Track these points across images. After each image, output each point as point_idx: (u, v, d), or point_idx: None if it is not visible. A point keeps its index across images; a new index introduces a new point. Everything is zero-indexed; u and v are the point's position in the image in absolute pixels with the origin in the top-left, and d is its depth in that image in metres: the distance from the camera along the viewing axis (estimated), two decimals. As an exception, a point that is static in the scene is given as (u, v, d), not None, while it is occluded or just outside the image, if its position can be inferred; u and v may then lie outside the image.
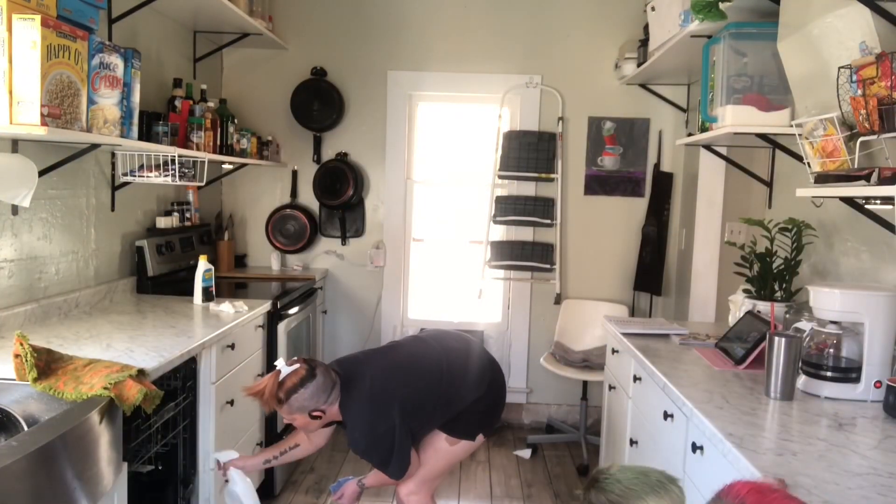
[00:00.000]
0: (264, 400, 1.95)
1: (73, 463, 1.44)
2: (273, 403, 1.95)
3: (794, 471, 1.28)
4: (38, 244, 2.33)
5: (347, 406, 2.03)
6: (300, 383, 1.95)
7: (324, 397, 1.99)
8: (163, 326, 2.35)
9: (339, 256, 4.07)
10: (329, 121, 3.93)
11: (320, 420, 2.02)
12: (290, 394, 1.94)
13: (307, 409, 1.97)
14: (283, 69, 3.94)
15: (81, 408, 1.52)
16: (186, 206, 3.41)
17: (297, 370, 1.97)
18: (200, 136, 2.91)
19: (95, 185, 2.65)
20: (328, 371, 2.03)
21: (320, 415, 2.00)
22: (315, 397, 1.97)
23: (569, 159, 3.94)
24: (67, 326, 2.28)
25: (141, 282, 2.94)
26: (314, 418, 2.00)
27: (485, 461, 3.61)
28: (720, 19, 2.25)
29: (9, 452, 1.26)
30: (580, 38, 3.91)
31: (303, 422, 2.01)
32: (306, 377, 1.96)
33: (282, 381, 1.95)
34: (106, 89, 2.03)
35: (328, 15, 3.94)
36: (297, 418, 1.99)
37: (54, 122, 1.77)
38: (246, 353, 2.68)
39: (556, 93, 3.91)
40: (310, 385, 1.96)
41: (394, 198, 4.03)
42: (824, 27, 1.83)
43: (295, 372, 1.96)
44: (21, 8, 1.69)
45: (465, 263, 4.14)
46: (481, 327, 4.11)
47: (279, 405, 1.95)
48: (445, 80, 3.96)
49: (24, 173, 2.01)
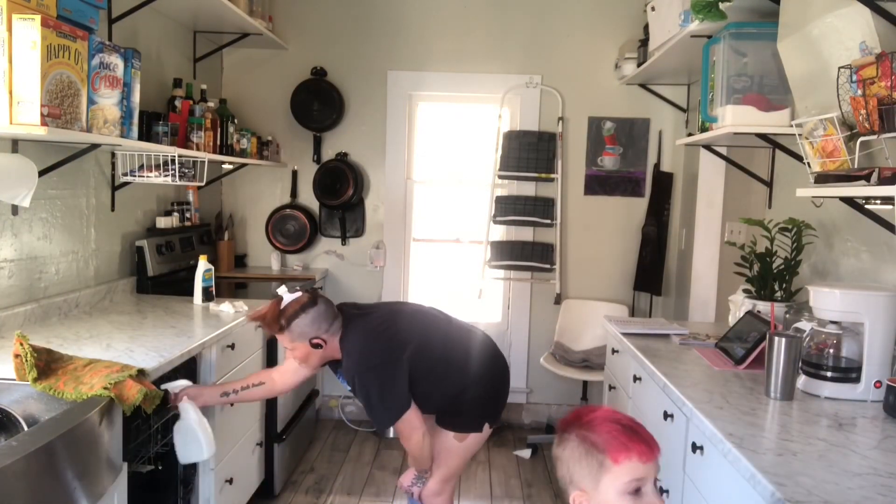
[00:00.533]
0: (266, 323, 2.00)
1: (73, 463, 1.44)
2: (275, 328, 2.00)
3: (794, 471, 1.28)
4: (38, 244, 2.33)
5: (347, 337, 2.05)
6: (301, 309, 1.99)
7: (325, 325, 2.01)
8: (163, 326, 2.35)
9: (339, 256, 4.07)
10: (329, 121, 3.93)
11: (321, 351, 2.03)
12: (291, 319, 1.98)
13: (307, 335, 2.00)
14: (283, 69, 3.94)
15: (81, 408, 1.52)
16: (186, 206, 3.41)
17: (299, 297, 2.02)
18: (200, 136, 2.92)
19: (95, 185, 2.65)
20: (330, 303, 2.08)
21: (321, 342, 2.01)
22: (316, 323, 2.00)
23: (569, 159, 3.94)
24: (67, 326, 2.28)
25: (141, 282, 2.94)
26: (315, 346, 2.02)
27: (485, 461, 3.61)
28: (720, 19, 2.25)
29: (9, 452, 1.26)
30: (580, 38, 3.91)
31: (303, 352, 2.03)
32: (307, 304, 2.00)
33: (283, 307, 1.99)
34: (106, 89, 2.03)
35: (328, 15, 3.94)
36: (297, 347, 2.02)
37: (54, 122, 1.77)
38: (246, 353, 2.68)
39: (556, 93, 3.92)
40: (311, 311, 1.99)
41: (394, 198, 4.03)
42: (824, 27, 1.83)
43: (296, 299, 2.01)
44: (21, 8, 1.69)
45: (465, 263, 4.14)
46: (481, 327, 4.09)
47: (280, 331, 2.00)
48: (445, 80, 3.96)
49: (24, 173, 2.01)
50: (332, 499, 3.11)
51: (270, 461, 3.00)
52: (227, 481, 2.49)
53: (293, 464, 3.33)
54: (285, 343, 2.04)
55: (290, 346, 2.04)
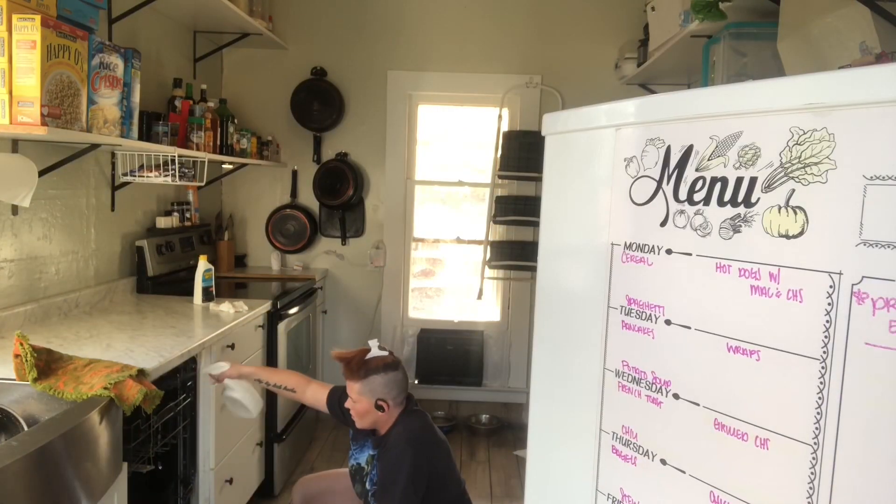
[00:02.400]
0: (348, 366, 2.03)
1: (73, 463, 1.44)
2: (355, 374, 2.02)
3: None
4: (38, 244, 2.33)
5: (406, 420, 2.06)
6: (384, 367, 2.03)
7: (395, 392, 2.04)
8: (163, 326, 2.35)
9: (339, 256, 4.07)
10: (329, 121, 3.93)
11: (380, 415, 2.04)
12: (371, 373, 2.01)
13: (377, 394, 2.02)
14: (283, 69, 3.94)
15: (81, 408, 1.52)
16: (186, 206, 3.41)
17: (386, 356, 2.06)
18: (200, 136, 2.91)
19: (95, 185, 2.66)
20: (407, 378, 2.12)
21: (384, 406, 2.03)
22: (389, 387, 2.03)
23: (569, 159, 3.94)
24: (67, 326, 2.28)
25: (141, 282, 2.94)
26: (378, 408, 2.03)
27: (485, 461, 3.61)
28: (720, 19, 2.25)
29: (9, 452, 1.26)
30: (580, 38, 3.91)
31: (365, 407, 2.04)
32: (391, 365, 2.05)
33: (369, 359, 2.03)
34: (106, 89, 2.03)
35: (328, 15, 3.94)
36: (362, 401, 2.03)
37: (54, 122, 1.77)
38: (246, 353, 2.68)
39: (556, 93, 3.91)
40: (391, 373, 2.04)
41: (394, 198, 4.03)
42: (824, 27, 1.83)
43: (384, 357, 2.06)
44: (21, 8, 1.69)
45: (465, 263, 4.14)
46: (481, 327, 4.11)
47: (358, 378, 2.02)
48: (445, 80, 3.96)
49: (24, 173, 2.01)
50: (332, 499, 3.11)
51: (270, 461, 3.00)
52: (227, 481, 2.49)
53: (293, 464, 3.33)
54: (353, 394, 2.05)
55: (357, 397, 2.04)
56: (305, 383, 2.30)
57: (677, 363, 1.13)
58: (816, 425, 0.91)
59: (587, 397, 1.33)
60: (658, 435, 1.17)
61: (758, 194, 0.98)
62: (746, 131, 1.00)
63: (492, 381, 4.10)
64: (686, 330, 1.11)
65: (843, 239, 0.88)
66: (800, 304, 0.93)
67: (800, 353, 0.93)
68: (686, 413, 1.10)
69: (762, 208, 0.98)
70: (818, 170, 0.91)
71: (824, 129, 0.90)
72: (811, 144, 0.92)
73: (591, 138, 1.40)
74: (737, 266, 1.02)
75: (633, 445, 1.22)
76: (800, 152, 0.93)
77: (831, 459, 0.90)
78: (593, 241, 1.32)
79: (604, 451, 1.30)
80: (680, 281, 1.12)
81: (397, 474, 1.97)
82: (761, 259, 0.98)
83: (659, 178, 1.16)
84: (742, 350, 1.01)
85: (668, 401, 1.14)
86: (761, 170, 0.98)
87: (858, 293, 0.86)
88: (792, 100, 0.95)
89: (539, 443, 1.55)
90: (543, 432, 1.53)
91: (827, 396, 0.90)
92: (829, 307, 0.90)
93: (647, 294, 1.18)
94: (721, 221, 1.04)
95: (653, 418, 1.17)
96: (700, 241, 1.08)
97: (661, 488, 1.16)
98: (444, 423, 4.02)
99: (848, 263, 0.88)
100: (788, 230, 0.95)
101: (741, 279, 1.01)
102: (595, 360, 1.31)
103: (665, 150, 1.15)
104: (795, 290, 0.94)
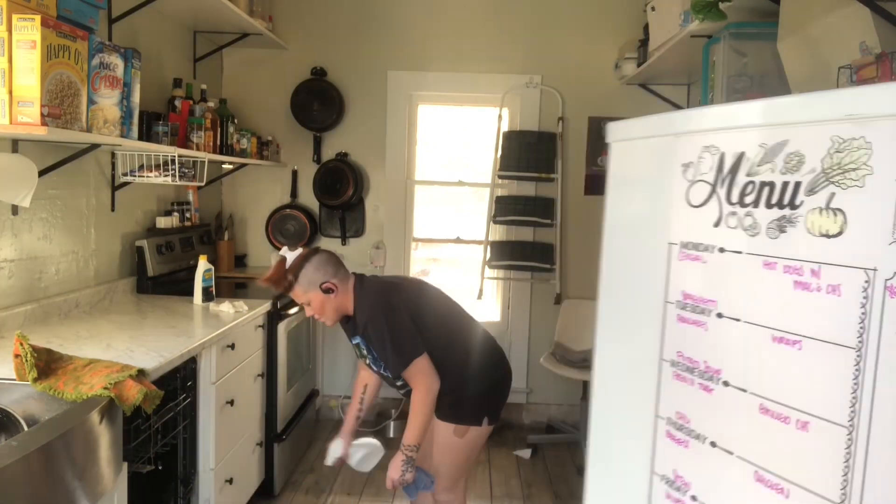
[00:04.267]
0: (275, 282, 2.07)
1: (73, 463, 1.44)
2: (284, 284, 2.07)
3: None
4: (38, 244, 2.33)
5: (361, 290, 2.12)
6: (304, 259, 2.08)
7: (331, 269, 2.09)
8: (163, 326, 2.35)
9: (340, 256, 4.07)
10: (329, 121, 3.93)
11: (334, 297, 2.09)
12: (297, 271, 2.06)
13: (316, 281, 2.06)
14: (283, 69, 3.95)
15: (81, 408, 1.52)
16: (186, 206, 3.41)
17: (301, 252, 2.11)
18: (200, 136, 2.92)
19: (95, 185, 2.66)
20: (333, 254, 2.18)
21: (331, 287, 2.08)
22: (321, 269, 2.07)
23: (569, 159, 3.94)
24: (67, 326, 2.28)
25: (141, 282, 2.94)
26: (326, 291, 2.07)
27: (485, 461, 3.61)
28: (720, 19, 2.25)
29: (9, 452, 1.26)
30: (580, 38, 3.91)
31: (318, 301, 2.09)
32: (309, 254, 2.10)
33: (289, 265, 2.08)
34: (106, 89, 2.03)
35: (328, 15, 3.94)
36: (312, 298, 2.09)
37: (54, 122, 1.77)
38: (246, 353, 2.68)
39: (556, 93, 3.91)
40: (313, 258, 2.09)
41: (394, 198, 4.03)
42: (824, 27, 1.83)
43: (299, 254, 2.10)
44: (21, 8, 1.69)
45: (465, 263, 4.14)
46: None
47: (290, 287, 2.08)
48: (445, 80, 3.96)
49: (24, 173, 2.01)
50: (331, 499, 3.11)
51: (270, 461, 3.00)
52: (227, 481, 2.49)
53: (293, 464, 3.33)
54: (300, 299, 2.11)
55: (305, 298, 2.10)
56: (360, 378, 2.37)
57: (727, 353, 1.22)
58: (852, 409, 0.99)
59: (645, 385, 1.42)
60: (709, 420, 1.26)
61: (801, 197, 1.07)
62: (792, 140, 1.09)
63: (492, 381, 4.10)
64: (736, 322, 1.19)
65: (877, 238, 0.96)
66: (838, 298, 1.01)
67: (838, 342, 1.01)
68: (734, 399, 1.19)
69: (805, 210, 1.06)
70: (856, 175, 0.99)
71: (862, 137, 0.98)
72: (850, 152, 0.99)
73: (652, 145, 1.50)
74: (782, 263, 1.10)
75: (686, 430, 1.32)
76: (840, 159, 1.01)
77: (865, 440, 0.98)
78: (653, 241, 1.42)
79: (659, 435, 1.39)
80: (731, 277, 1.21)
81: (383, 342, 2.05)
82: (804, 257, 1.07)
83: (713, 183, 1.25)
84: (786, 340, 1.09)
85: (719, 388, 1.23)
86: (805, 175, 1.07)
87: (892, 287, 0.95)
88: (833, 111, 1.03)
89: (600, 429, 1.65)
90: (604, 419, 1.64)
91: (862, 382, 0.98)
92: (864, 301, 0.98)
93: (701, 289, 1.28)
94: (768, 222, 1.13)
95: (704, 404, 1.26)
96: (749, 241, 1.17)
97: (710, 469, 1.25)
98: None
99: (882, 260, 0.95)
100: (829, 230, 1.03)
101: (786, 275, 1.09)
102: (653, 351, 1.40)
103: (719, 157, 1.24)
104: (834, 286, 1.02)
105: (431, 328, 2.12)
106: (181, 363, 2.06)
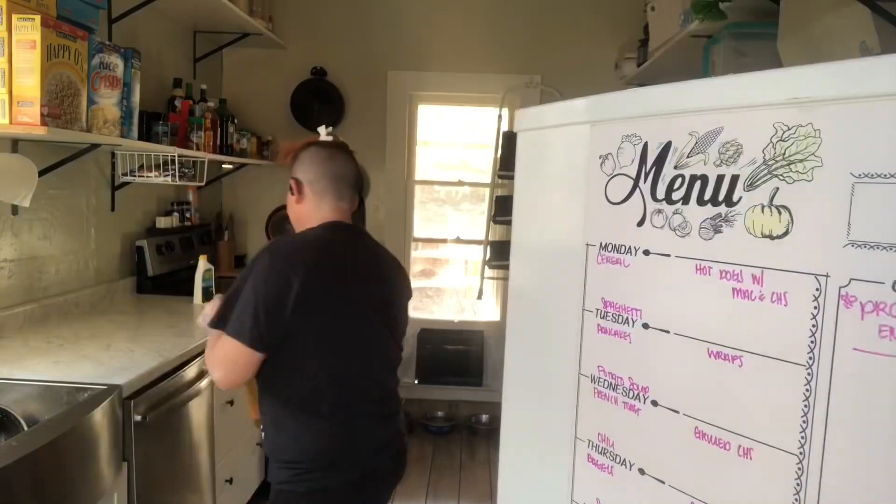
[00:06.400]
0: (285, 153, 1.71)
1: (73, 463, 1.44)
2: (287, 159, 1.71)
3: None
4: (38, 244, 2.33)
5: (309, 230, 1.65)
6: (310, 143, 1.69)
7: (315, 170, 1.63)
8: (163, 326, 2.35)
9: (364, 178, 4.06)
10: (329, 121, 3.92)
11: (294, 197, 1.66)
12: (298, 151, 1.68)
13: (294, 172, 1.66)
14: (283, 69, 3.94)
15: (81, 408, 1.52)
16: (186, 206, 3.41)
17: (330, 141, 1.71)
18: (200, 136, 2.92)
19: (95, 185, 2.65)
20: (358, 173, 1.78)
21: (294, 187, 1.65)
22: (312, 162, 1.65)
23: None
24: (67, 326, 2.28)
25: (141, 282, 2.94)
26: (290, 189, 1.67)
27: (485, 461, 3.61)
28: (720, 19, 2.25)
29: (9, 452, 1.26)
30: (580, 38, 3.91)
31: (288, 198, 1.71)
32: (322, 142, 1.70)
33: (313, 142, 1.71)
34: (106, 89, 2.03)
35: (328, 15, 3.94)
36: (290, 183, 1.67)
37: (54, 122, 1.77)
38: (246, 353, 2.67)
39: (556, 93, 3.91)
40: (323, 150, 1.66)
41: (394, 198, 4.03)
42: (824, 27, 1.83)
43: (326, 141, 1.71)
44: (21, 8, 1.69)
45: (465, 263, 4.14)
46: (481, 327, 4.11)
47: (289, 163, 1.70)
48: (445, 80, 3.96)
49: (24, 173, 2.01)
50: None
51: (270, 461, 2.99)
52: (226, 481, 2.49)
53: (293, 464, 3.32)
54: None
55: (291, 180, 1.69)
56: None
57: (655, 369, 1.08)
58: (802, 434, 0.88)
59: (562, 403, 1.28)
60: (636, 443, 1.12)
61: (739, 193, 0.95)
62: (727, 127, 0.96)
63: (492, 381, 4.10)
64: (664, 334, 1.06)
65: (829, 240, 0.85)
66: (784, 308, 0.90)
67: (785, 358, 0.90)
68: (665, 421, 1.06)
69: (744, 207, 0.94)
70: (803, 167, 0.87)
71: (810, 124, 0.86)
72: (796, 141, 0.88)
73: (564, 135, 1.35)
74: (718, 268, 0.98)
75: (610, 454, 1.17)
76: (784, 149, 0.89)
77: (818, 469, 0.87)
78: (567, 241, 1.27)
79: (579, 459, 1.24)
80: (658, 283, 1.08)
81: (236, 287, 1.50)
82: (743, 260, 0.94)
83: (636, 176, 1.11)
84: (724, 355, 0.97)
85: (647, 408, 1.10)
86: (743, 167, 0.94)
87: (846, 296, 0.83)
88: (775, 94, 0.90)
89: (512, 451, 1.49)
90: (516, 439, 1.47)
91: (813, 404, 0.87)
92: (815, 311, 0.86)
93: (624, 296, 1.14)
94: (701, 221, 1.00)
95: (630, 426, 1.13)
96: (679, 242, 1.03)
97: (639, 499, 1.12)
98: (444, 423, 4.02)
99: (835, 265, 0.84)
100: (772, 230, 0.91)
101: (722, 281, 0.97)
102: (570, 364, 1.25)
103: (642, 147, 1.10)
104: (780, 293, 0.90)
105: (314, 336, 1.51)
106: (181, 363, 2.06)
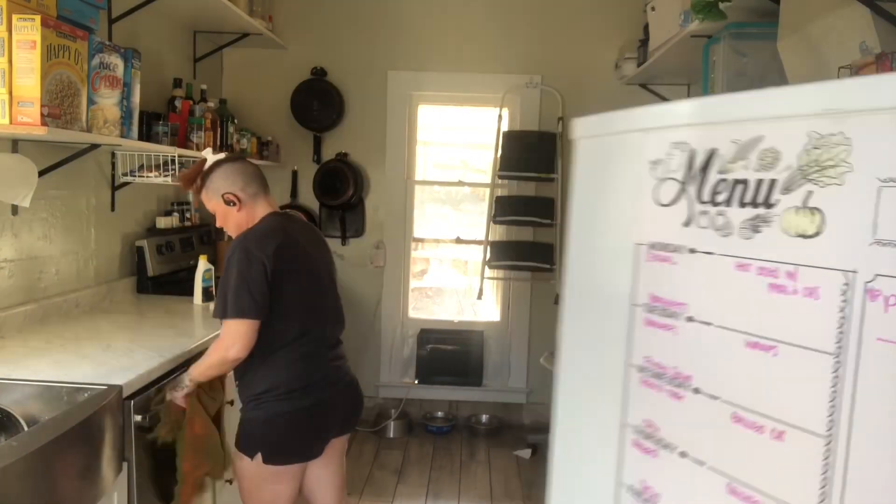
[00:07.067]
0: (187, 181, 1.94)
1: (73, 463, 1.44)
2: (190, 185, 1.93)
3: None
4: (38, 244, 2.33)
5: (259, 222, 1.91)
6: (216, 164, 1.92)
7: (240, 182, 1.89)
8: (163, 326, 2.35)
9: (340, 256, 4.07)
10: (329, 121, 3.93)
11: (236, 212, 1.90)
12: (206, 175, 1.91)
13: (220, 190, 1.89)
14: (283, 69, 3.95)
15: (81, 408, 1.52)
16: (186, 206, 3.41)
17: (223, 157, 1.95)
18: (200, 136, 2.92)
19: (95, 185, 2.65)
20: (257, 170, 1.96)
21: (233, 199, 1.89)
22: (230, 179, 1.89)
23: (569, 159, 3.94)
24: (67, 326, 2.28)
25: (141, 282, 2.94)
26: (228, 203, 1.90)
27: (485, 461, 3.61)
28: (720, 19, 2.25)
29: (9, 452, 1.26)
30: (580, 39, 3.91)
31: (221, 212, 1.92)
32: (223, 160, 1.93)
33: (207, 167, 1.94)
34: (106, 89, 2.03)
35: (328, 15, 3.94)
36: (216, 208, 1.93)
37: (54, 122, 1.77)
38: (246, 353, 2.67)
39: (556, 93, 3.91)
40: (225, 166, 1.91)
41: (394, 198, 4.03)
42: (824, 27, 1.83)
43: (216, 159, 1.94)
44: (21, 8, 1.69)
45: (466, 263, 4.14)
46: (481, 327, 4.11)
47: (198, 190, 1.93)
48: (445, 80, 3.96)
49: (24, 173, 2.01)
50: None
51: (270, 461, 2.99)
52: (227, 481, 2.49)
53: (293, 464, 3.32)
54: (207, 206, 1.95)
55: (210, 206, 1.94)
56: None
57: (698, 359, 1.17)
58: (830, 418, 0.95)
59: (611, 392, 1.37)
60: (679, 428, 1.21)
61: (777, 196, 1.03)
62: (767, 136, 1.05)
63: (492, 382, 4.10)
64: (707, 326, 1.15)
65: (857, 239, 0.92)
66: (816, 302, 0.97)
67: (815, 348, 0.97)
68: (706, 407, 1.14)
69: (781, 209, 1.02)
70: (835, 172, 0.95)
71: (841, 133, 0.94)
72: (828, 148, 0.95)
73: (618, 142, 1.45)
74: (756, 265, 1.06)
75: (655, 438, 1.26)
76: (817, 156, 0.97)
77: (844, 451, 0.93)
78: (620, 241, 1.36)
79: (626, 444, 1.33)
80: (702, 279, 1.16)
81: (227, 281, 1.79)
82: (779, 258, 1.02)
83: (683, 181, 1.20)
84: (760, 345, 1.05)
85: (689, 395, 1.18)
86: (780, 172, 1.02)
87: (872, 291, 0.91)
88: (810, 105, 0.98)
89: (564, 437, 1.59)
90: (568, 427, 1.57)
91: (841, 390, 0.94)
92: (843, 304, 0.94)
93: (671, 292, 1.23)
94: (741, 222, 1.08)
95: (674, 412, 1.21)
96: (721, 241, 1.12)
97: (680, 480, 1.20)
98: (444, 423, 4.02)
99: (862, 262, 0.91)
100: (805, 230, 0.99)
101: (760, 277, 1.05)
102: (619, 356, 1.35)
103: (689, 154, 1.19)
104: (812, 288, 0.98)
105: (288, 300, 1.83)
106: (182, 363, 2.05)
